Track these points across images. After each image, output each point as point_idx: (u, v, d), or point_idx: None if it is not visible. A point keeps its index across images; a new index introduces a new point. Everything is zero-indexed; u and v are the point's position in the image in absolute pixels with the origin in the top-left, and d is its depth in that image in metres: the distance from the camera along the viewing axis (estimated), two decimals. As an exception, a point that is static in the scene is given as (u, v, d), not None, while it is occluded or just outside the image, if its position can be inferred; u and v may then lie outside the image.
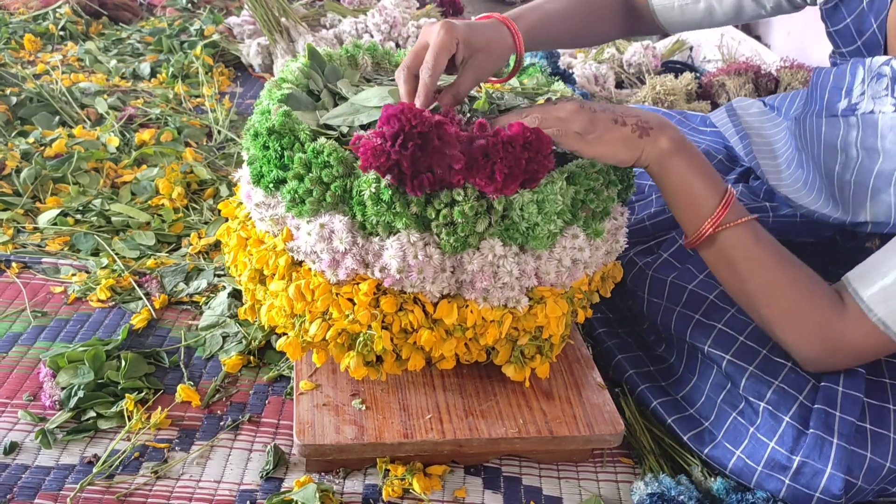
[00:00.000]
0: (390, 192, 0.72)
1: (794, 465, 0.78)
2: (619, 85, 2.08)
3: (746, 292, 0.83)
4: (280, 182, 0.78)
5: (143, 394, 0.90)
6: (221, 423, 0.89)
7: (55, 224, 1.24)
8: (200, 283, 1.12)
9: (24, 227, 1.23)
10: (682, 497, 0.80)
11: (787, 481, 0.79)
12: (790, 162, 1.01)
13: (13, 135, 1.51)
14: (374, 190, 0.73)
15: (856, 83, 0.88)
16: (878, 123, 0.85)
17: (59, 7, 2.28)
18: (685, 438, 0.88)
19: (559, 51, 2.20)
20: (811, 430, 0.79)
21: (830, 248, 1.03)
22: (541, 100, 0.89)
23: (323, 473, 0.83)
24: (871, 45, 0.90)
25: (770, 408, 0.82)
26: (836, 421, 0.79)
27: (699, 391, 0.91)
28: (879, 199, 0.85)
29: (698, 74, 2.07)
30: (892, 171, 0.84)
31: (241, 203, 0.91)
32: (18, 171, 1.35)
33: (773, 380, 0.84)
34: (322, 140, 0.76)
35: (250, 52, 2.04)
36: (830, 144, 0.90)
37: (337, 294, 0.78)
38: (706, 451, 0.85)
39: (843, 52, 0.94)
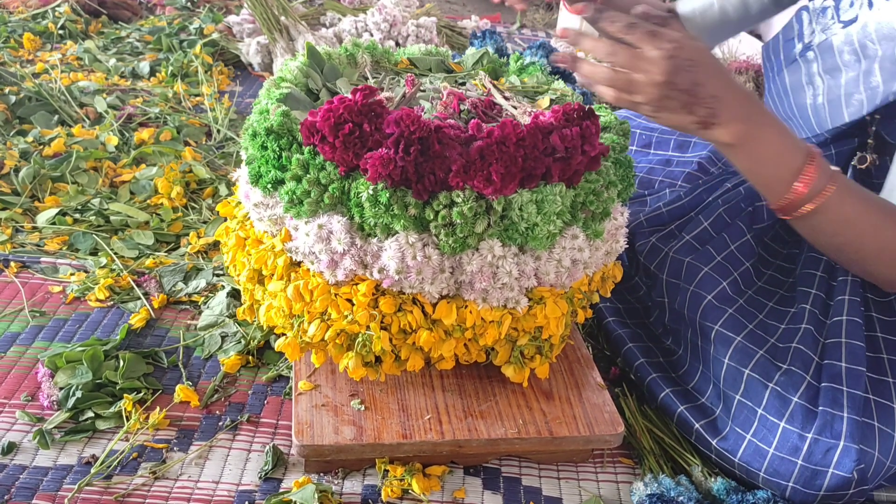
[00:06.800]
0: (388, 195, 0.72)
1: (807, 444, 0.78)
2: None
3: (844, 249, 0.82)
4: (278, 182, 0.78)
5: (141, 394, 0.90)
6: (220, 424, 0.89)
7: (54, 223, 1.23)
8: (199, 282, 1.12)
9: (22, 227, 1.23)
10: (681, 498, 0.80)
11: (799, 462, 0.78)
12: None
13: (12, 134, 1.51)
14: (371, 192, 0.73)
15: (804, 26, 0.95)
16: (833, 44, 0.91)
17: (59, 6, 2.28)
18: (697, 427, 0.87)
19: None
20: (821, 408, 0.80)
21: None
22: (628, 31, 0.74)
23: (322, 474, 0.83)
24: None
25: (778, 388, 0.83)
26: (844, 396, 0.80)
27: (706, 379, 0.91)
28: (852, 101, 0.90)
29: (698, 73, 2.06)
30: (856, 75, 0.89)
31: (239, 203, 0.91)
32: (17, 170, 1.34)
33: (782, 364, 0.85)
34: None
35: (250, 50, 2.03)
36: (797, 85, 0.95)
37: (336, 294, 0.78)
38: (716, 441, 0.85)
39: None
